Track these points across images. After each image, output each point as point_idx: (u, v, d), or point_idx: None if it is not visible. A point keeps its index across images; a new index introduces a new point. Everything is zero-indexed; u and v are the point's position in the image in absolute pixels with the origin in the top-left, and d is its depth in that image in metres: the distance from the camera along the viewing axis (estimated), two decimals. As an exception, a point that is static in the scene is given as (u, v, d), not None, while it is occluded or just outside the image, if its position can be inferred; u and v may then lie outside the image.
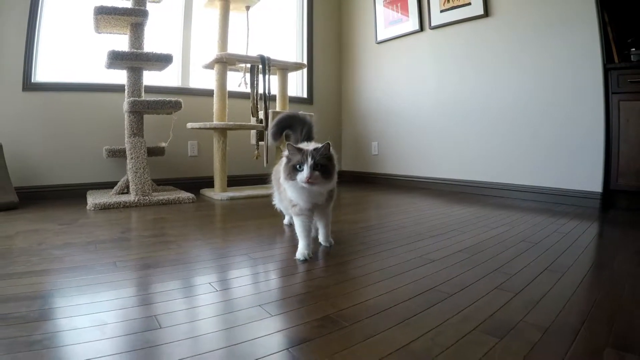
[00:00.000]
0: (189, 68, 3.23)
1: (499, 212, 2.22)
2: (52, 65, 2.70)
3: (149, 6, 2.65)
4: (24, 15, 2.52)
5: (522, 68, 2.65)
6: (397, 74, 3.54)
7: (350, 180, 3.98)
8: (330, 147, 1.24)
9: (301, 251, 1.32)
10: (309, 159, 1.17)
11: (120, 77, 2.68)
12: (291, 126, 1.53)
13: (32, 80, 2.59)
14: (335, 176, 1.28)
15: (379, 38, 3.65)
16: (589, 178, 2.37)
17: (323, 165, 1.20)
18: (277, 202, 1.72)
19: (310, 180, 1.17)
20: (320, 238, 1.48)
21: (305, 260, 1.29)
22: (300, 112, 1.56)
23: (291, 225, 1.75)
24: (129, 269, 1.20)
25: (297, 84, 3.96)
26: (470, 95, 2.97)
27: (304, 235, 1.32)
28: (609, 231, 1.77)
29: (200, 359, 0.69)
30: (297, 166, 1.19)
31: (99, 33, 2.63)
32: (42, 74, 2.66)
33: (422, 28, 3.25)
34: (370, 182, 3.79)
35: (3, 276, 1.10)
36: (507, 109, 2.75)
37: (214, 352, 0.72)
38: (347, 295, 1.00)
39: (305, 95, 3.95)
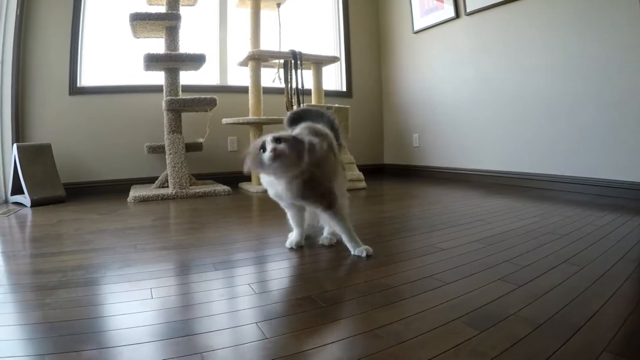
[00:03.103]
0: (227, 66, 3.36)
1: (534, 203, 2.08)
2: (95, 70, 2.95)
3: (185, 9, 2.79)
4: (67, 27, 2.78)
5: (561, 51, 2.43)
6: (435, 63, 3.43)
7: (393, 173, 3.92)
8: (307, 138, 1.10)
9: (289, 239, 1.33)
10: (270, 137, 1.06)
11: (159, 78, 2.85)
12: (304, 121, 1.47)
13: (78, 85, 2.84)
14: (306, 159, 1.07)
15: (416, 28, 3.55)
16: (636, 167, 2.14)
17: (288, 142, 1.05)
18: None
19: (274, 154, 1.02)
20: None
21: (291, 249, 1.29)
22: (315, 106, 1.52)
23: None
24: (146, 251, 1.29)
25: (335, 78, 3.96)
26: (507, 83, 2.80)
27: (293, 224, 1.33)
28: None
29: (178, 325, 0.75)
30: (261, 150, 1.06)
31: (137, 38, 2.82)
32: (86, 79, 2.91)
33: (457, 15, 3.11)
34: (412, 175, 3.70)
35: (37, 255, 1.25)
36: (546, 96, 2.55)
37: (191, 320, 0.78)
38: (337, 279, 1.01)
39: (344, 89, 3.94)
